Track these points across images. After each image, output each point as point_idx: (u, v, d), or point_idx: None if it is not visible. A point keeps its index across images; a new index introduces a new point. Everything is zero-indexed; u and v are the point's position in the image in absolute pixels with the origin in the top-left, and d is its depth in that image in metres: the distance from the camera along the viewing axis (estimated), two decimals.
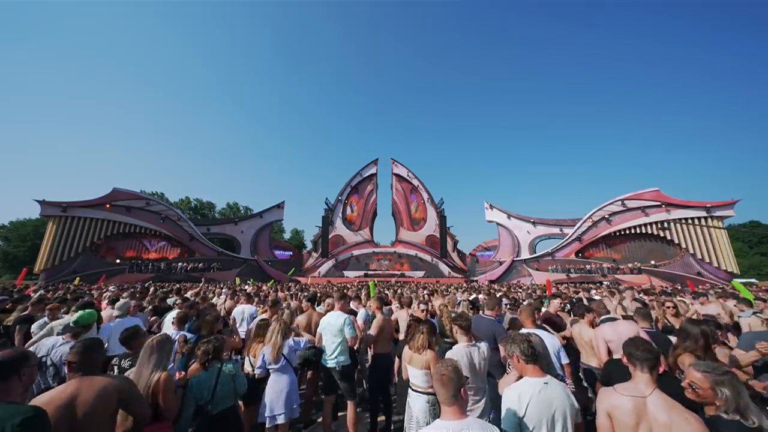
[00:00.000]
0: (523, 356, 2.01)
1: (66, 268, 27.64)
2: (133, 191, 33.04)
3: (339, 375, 3.63)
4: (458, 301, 6.70)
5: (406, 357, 3.00)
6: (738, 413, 1.58)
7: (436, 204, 38.00)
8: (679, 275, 28.12)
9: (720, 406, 1.63)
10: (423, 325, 3.11)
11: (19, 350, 1.71)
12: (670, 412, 1.60)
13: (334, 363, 3.62)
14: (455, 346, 2.89)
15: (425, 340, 2.93)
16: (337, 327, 3.66)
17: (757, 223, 56.49)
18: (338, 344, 3.65)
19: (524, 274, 33.28)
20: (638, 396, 1.71)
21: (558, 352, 3.19)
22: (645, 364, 1.80)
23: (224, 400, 2.62)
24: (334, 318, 3.75)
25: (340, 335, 3.65)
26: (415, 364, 2.88)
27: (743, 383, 1.68)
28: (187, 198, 60.31)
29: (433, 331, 3.09)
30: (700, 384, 1.70)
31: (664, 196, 31.80)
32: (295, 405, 3.21)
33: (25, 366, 1.63)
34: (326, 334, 3.74)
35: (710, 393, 1.66)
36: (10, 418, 1.39)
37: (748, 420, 1.55)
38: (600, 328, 3.56)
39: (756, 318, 4.26)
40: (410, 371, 2.92)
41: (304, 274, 34.24)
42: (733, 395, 1.60)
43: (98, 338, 2.59)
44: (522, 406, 1.81)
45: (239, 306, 5.81)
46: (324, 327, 3.78)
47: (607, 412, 1.76)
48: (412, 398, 2.83)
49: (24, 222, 46.60)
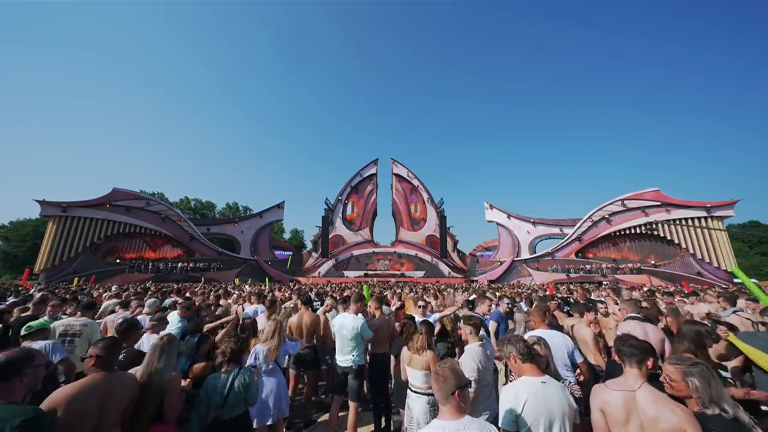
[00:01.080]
0: (520, 355, 2.02)
1: (66, 268, 27.63)
2: (133, 191, 33.05)
3: (354, 374, 3.62)
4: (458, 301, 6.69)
5: (406, 358, 2.97)
6: (715, 405, 1.59)
7: (436, 204, 38.00)
8: (679, 275, 28.14)
9: (697, 400, 1.65)
10: (421, 325, 3.07)
11: (24, 350, 1.70)
12: (658, 404, 1.62)
13: (351, 362, 3.61)
14: (468, 346, 2.86)
15: (425, 341, 2.91)
16: (351, 330, 3.65)
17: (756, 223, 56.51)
18: (353, 347, 3.64)
19: (524, 274, 33.29)
20: (627, 390, 1.73)
21: (572, 352, 3.09)
22: (632, 358, 1.82)
23: (237, 405, 2.48)
24: (350, 320, 3.73)
25: (355, 339, 3.64)
26: (415, 365, 2.86)
27: (716, 375, 1.68)
28: (186, 198, 60.33)
29: (432, 332, 3.06)
30: (672, 376, 1.74)
31: (664, 196, 31.80)
32: (284, 405, 3.16)
33: (28, 366, 1.62)
34: (340, 335, 3.73)
35: (683, 385, 1.69)
36: (10, 419, 1.38)
37: (727, 412, 1.56)
38: (627, 323, 3.49)
39: (736, 316, 4.16)
40: (410, 372, 2.90)
41: (304, 274, 34.26)
42: (704, 386, 1.62)
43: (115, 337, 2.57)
44: (519, 405, 1.82)
45: (251, 306, 5.81)
46: (338, 329, 3.77)
47: (599, 408, 1.78)
48: (412, 399, 2.81)
49: (24, 222, 46.56)
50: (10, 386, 1.55)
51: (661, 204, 31.57)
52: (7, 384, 1.55)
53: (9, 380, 1.55)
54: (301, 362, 4.25)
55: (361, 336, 3.66)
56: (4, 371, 1.54)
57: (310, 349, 4.28)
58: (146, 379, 2.16)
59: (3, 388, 1.53)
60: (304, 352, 4.20)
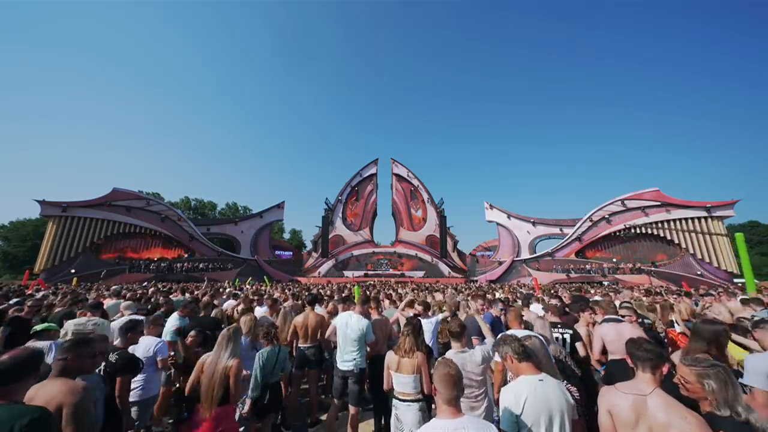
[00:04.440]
0: (516, 355, 2.01)
1: (66, 268, 27.61)
2: (133, 191, 33.05)
3: (355, 378, 3.51)
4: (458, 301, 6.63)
5: (393, 364, 2.74)
6: (728, 407, 1.57)
7: (436, 204, 38.02)
8: (679, 275, 28.15)
9: (711, 402, 1.63)
10: (406, 326, 2.89)
11: (29, 351, 1.69)
12: (669, 410, 1.60)
13: (352, 365, 3.50)
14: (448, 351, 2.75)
15: (412, 342, 2.74)
16: (357, 331, 3.55)
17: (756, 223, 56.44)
18: (357, 348, 3.55)
19: (524, 274, 33.28)
20: (638, 394, 1.71)
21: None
22: (646, 363, 1.80)
23: (276, 374, 3.30)
24: (354, 320, 3.61)
25: (359, 340, 3.55)
26: (404, 369, 2.67)
27: (732, 377, 1.65)
28: (187, 198, 60.30)
29: (418, 331, 2.87)
30: (687, 378, 1.71)
31: (664, 196, 31.84)
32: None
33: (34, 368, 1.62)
34: (343, 334, 3.61)
35: (698, 387, 1.67)
36: (18, 419, 1.38)
37: (740, 415, 1.55)
38: (601, 326, 3.50)
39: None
40: (398, 378, 2.70)
41: (304, 274, 34.27)
42: (720, 387, 1.60)
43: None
44: (519, 405, 1.81)
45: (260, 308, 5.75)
46: (341, 326, 3.65)
47: (607, 410, 1.77)
48: (401, 410, 2.63)
49: (24, 222, 46.51)
50: (18, 387, 1.55)
51: (661, 204, 31.61)
52: (16, 384, 1.54)
53: (17, 380, 1.54)
54: (306, 362, 4.23)
55: (364, 338, 3.59)
56: (11, 372, 1.53)
57: (315, 349, 4.27)
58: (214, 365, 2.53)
59: (11, 389, 1.51)
60: (308, 351, 4.19)
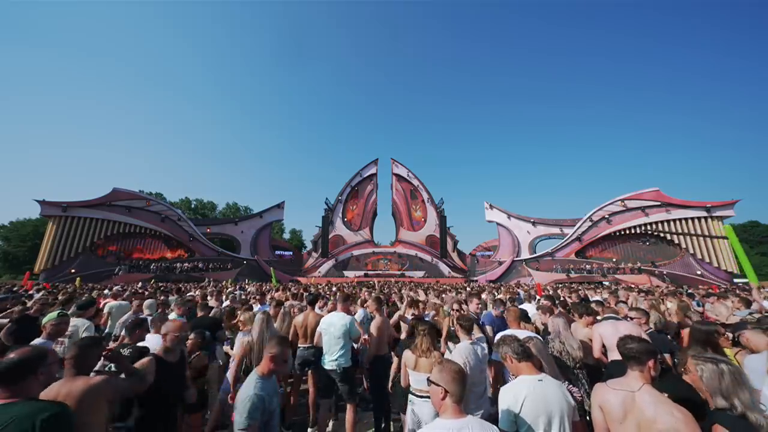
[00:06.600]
0: (515, 355, 2.02)
1: (66, 268, 27.62)
2: (133, 191, 33.06)
3: (340, 377, 3.54)
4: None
5: (410, 362, 2.83)
6: (722, 397, 1.63)
7: (436, 204, 38.02)
8: (680, 275, 28.16)
9: (708, 390, 1.71)
10: (422, 325, 2.98)
11: (37, 348, 1.69)
12: (656, 406, 1.63)
13: (335, 365, 3.52)
14: (460, 344, 2.85)
15: (429, 342, 2.82)
16: (340, 328, 3.57)
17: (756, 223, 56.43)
18: (341, 346, 3.55)
19: (524, 274, 33.27)
20: (627, 390, 1.76)
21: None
22: (632, 360, 1.84)
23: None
24: (337, 318, 3.65)
25: (343, 337, 3.57)
26: (422, 368, 2.72)
27: (735, 372, 1.68)
28: (187, 198, 60.38)
29: (434, 331, 2.97)
30: (689, 367, 1.89)
31: (664, 196, 31.85)
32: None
33: (42, 365, 1.62)
34: (327, 334, 3.63)
35: (696, 375, 1.80)
36: (38, 414, 1.40)
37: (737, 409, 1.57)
38: (600, 324, 3.52)
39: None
40: (415, 377, 2.76)
41: (304, 274, 34.27)
42: (711, 377, 1.68)
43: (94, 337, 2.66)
44: (518, 404, 1.82)
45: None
46: (325, 327, 3.67)
47: (599, 406, 1.83)
48: (418, 405, 2.67)
49: (24, 222, 46.56)
50: (28, 384, 1.56)
51: (661, 204, 31.61)
52: (25, 382, 1.55)
53: (25, 378, 1.55)
54: (306, 362, 4.23)
55: (349, 335, 3.58)
56: (19, 370, 1.54)
57: (315, 349, 4.26)
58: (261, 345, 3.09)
59: (22, 386, 1.52)
60: (308, 351, 4.19)
